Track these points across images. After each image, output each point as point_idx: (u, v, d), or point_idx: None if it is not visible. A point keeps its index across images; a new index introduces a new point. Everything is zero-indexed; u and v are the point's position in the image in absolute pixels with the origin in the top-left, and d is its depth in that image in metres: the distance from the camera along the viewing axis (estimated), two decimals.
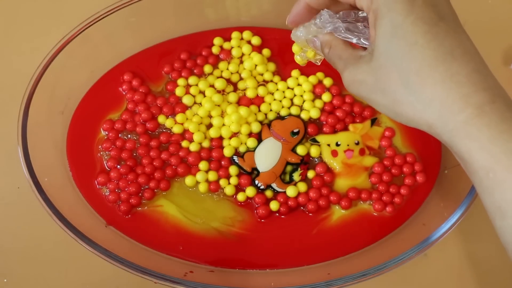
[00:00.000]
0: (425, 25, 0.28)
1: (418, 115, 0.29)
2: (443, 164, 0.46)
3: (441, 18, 0.29)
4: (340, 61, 0.33)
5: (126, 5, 0.45)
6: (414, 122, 0.30)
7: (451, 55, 0.28)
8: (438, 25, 0.28)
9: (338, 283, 0.39)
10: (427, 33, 0.28)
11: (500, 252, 0.46)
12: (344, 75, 0.32)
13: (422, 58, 0.28)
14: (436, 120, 0.29)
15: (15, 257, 0.45)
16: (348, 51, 0.33)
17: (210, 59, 0.49)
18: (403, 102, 0.29)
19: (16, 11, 0.53)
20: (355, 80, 0.32)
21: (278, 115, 0.48)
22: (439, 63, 0.28)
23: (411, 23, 0.28)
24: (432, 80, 0.28)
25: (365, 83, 0.31)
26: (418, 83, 0.28)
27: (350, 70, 0.32)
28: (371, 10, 0.30)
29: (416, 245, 0.40)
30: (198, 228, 0.44)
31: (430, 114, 0.29)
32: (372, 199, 0.45)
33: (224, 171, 0.45)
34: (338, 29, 0.33)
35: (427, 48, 0.28)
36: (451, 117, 0.28)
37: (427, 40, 0.28)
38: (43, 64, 0.43)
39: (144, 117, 0.46)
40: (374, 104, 0.32)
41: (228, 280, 0.42)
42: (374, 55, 0.30)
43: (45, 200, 0.40)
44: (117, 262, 0.39)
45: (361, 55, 0.32)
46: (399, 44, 0.29)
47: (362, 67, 0.31)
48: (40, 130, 0.44)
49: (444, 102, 0.28)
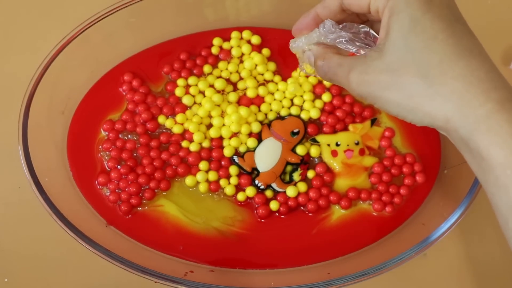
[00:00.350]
0: (443, 23, 0.29)
1: (436, 108, 0.29)
2: (443, 164, 0.46)
3: (456, 19, 0.29)
4: (341, 67, 0.32)
5: (126, 6, 0.45)
6: (430, 117, 0.29)
7: (469, 52, 0.28)
8: (454, 24, 0.29)
9: (337, 283, 0.39)
10: (446, 30, 0.28)
11: (500, 251, 0.46)
12: (350, 77, 0.31)
13: (443, 52, 0.28)
14: (456, 113, 0.28)
15: (16, 257, 0.45)
16: (348, 57, 0.33)
17: (209, 59, 0.49)
18: (421, 95, 0.29)
19: (17, 12, 0.53)
20: (365, 79, 0.31)
21: (278, 115, 0.48)
22: (459, 58, 0.28)
23: (430, 19, 0.29)
24: (452, 73, 0.28)
25: (377, 81, 0.30)
26: (438, 75, 0.28)
27: (358, 70, 0.31)
28: (387, 7, 0.30)
29: (415, 245, 0.40)
30: (199, 228, 0.44)
31: (449, 107, 0.28)
32: (372, 199, 0.45)
33: (224, 171, 0.45)
34: (341, 39, 0.33)
35: (446, 43, 0.28)
36: (471, 111, 0.28)
37: (446, 36, 0.28)
38: (44, 65, 0.44)
39: (144, 117, 0.46)
40: (385, 103, 0.31)
41: (228, 280, 0.42)
42: (387, 51, 0.30)
43: (45, 200, 0.41)
44: (118, 262, 0.39)
45: (367, 54, 0.31)
46: (418, 37, 0.29)
47: (373, 64, 0.30)
48: (41, 130, 0.44)
49: (465, 95, 0.28)
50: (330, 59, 0.33)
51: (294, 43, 0.36)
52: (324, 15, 0.34)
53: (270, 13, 0.50)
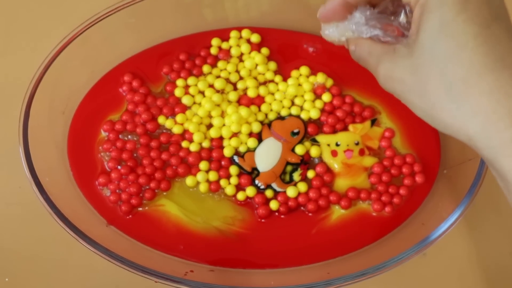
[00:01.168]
0: (477, 26, 0.26)
1: (458, 124, 0.27)
2: (442, 164, 0.46)
3: (494, 18, 0.26)
4: (371, 57, 0.31)
5: (125, 6, 0.46)
6: (452, 131, 0.28)
7: (501, 63, 0.26)
8: (490, 27, 0.26)
9: (337, 283, 0.39)
10: (478, 35, 0.26)
11: (500, 251, 0.46)
12: (379, 70, 0.30)
13: (470, 64, 0.26)
14: (479, 134, 0.26)
15: (16, 257, 0.46)
16: (379, 45, 0.31)
17: (209, 59, 0.49)
18: (442, 108, 0.27)
19: (17, 12, 0.53)
20: (392, 77, 0.29)
21: (278, 115, 0.48)
22: (488, 72, 0.26)
23: (463, 21, 0.26)
24: (478, 90, 0.26)
25: (402, 81, 0.29)
26: (462, 91, 0.26)
27: (386, 65, 0.30)
28: (419, 4, 0.28)
29: (415, 245, 0.40)
30: (199, 227, 0.44)
31: (472, 126, 0.27)
32: (372, 199, 0.45)
33: (224, 171, 0.45)
34: (373, 33, 0.32)
35: (476, 52, 0.26)
36: (495, 133, 0.26)
37: (477, 43, 0.26)
38: (44, 65, 0.44)
39: (144, 118, 0.46)
40: (411, 105, 0.30)
41: (228, 280, 0.42)
42: (415, 51, 0.28)
43: (46, 200, 0.41)
44: (118, 262, 0.39)
45: (396, 48, 0.29)
46: (446, 43, 0.26)
47: (401, 62, 0.29)
48: (41, 130, 0.44)
49: (490, 116, 0.26)
50: (361, 45, 0.31)
51: (326, 31, 0.34)
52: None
53: (270, 13, 0.50)
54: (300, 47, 0.50)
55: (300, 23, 0.50)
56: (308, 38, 0.50)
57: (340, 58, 0.49)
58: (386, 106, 0.48)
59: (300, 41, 0.50)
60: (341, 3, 0.32)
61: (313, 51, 0.50)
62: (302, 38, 0.50)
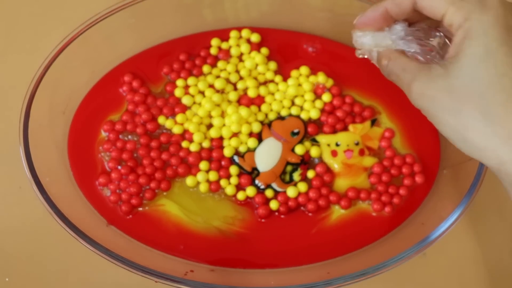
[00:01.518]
0: None
1: (490, 148, 0.28)
2: (442, 164, 0.46)
3: None
4: (405, 73, 0.31)
5: (125, 7, 0.46)
6: (482, 154, 0.29)
7: None
8: None
9: (337, 282, 0.39)
10: None
11: (499, 251, 0.46)
12: (412, 87, 0.31)
13: (510, 92, 0.27)
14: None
15: (17, 257, 0.46)
16: (413, 63, 0.31)
17: (209, 60, 0.49)
18: (476, 131, 0.28)
19: (17, 12, 0.53)
20: (427, 94, 0.30)
21: (278, 115, 0.48)
22: None
23: (505, 53, 0.28)
24: None
25: (437, 99, 0.29)
26: (500, 116, 0.27)
27: (422, 82, 0.30)
28: (462, 28, 0.29)
29: (414, 245, 0.40)
30: (199, 227, 0.44)
31: (506, 151, 0.27)
32: (371, 199, 0.45)
33: (224, 171, 0.45)
34: (409, 49, 0.32)
35: None
36: None
37: None
38: (44, 65, 0.44)
39: (144, 118, 0.46)
40: (440, 124, 0.30)
41: (228, 279, 0.42)
42: (453, 72, 0.29)
43: (46, 199, 0.41)
44: (118, 262, 0.39)
45: (432, 67, 0.30)
46: (488, 71, 0.28)
47: (438, 82, 0.29)
48: (42, 130, 0.44)
49: None
50: (395, 60, 0.32)
51: (359, 39, 0.34)
52: (395, 12, 0.32)
53: (270, 13, 0.50)
54: (300, 47, 0.50)
55: (300, 23, 0.50)
56: (308, 38, 0.50)
57: (340, 58, 0.49)
58: (386, 106, 0.48)
59: (300, 41, 0.50)
60: (383, 14, 0.33)
61: (313, 51, 0.50)
62: (302, 38, 0.50)
